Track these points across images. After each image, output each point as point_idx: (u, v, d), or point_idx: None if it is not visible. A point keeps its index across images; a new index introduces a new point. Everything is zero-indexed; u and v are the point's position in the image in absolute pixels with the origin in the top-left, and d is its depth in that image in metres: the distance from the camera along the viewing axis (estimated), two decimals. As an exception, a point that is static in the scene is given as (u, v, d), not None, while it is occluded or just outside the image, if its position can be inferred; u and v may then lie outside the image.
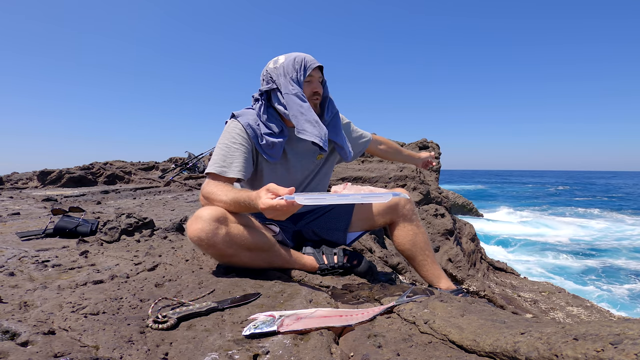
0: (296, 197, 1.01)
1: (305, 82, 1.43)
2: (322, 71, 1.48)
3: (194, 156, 7.68)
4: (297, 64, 1.40)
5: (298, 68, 1.40)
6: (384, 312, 0.98)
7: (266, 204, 1.04)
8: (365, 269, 1.41)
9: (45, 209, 3.29)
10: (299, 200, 1.01)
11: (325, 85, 1.52)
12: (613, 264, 10.68)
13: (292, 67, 1.40)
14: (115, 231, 1.94)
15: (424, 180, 5.27)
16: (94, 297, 1.07)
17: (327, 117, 1.51)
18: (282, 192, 1.05)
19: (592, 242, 13.80)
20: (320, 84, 1.47)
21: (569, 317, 3.79)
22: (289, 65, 1.41)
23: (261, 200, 1.06)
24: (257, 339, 0.82)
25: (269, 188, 1.08)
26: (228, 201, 1.23)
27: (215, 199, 1.27)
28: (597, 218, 20.19)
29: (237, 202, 1.21)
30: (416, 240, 1.56)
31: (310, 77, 1.43)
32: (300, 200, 1.01)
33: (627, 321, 0.64)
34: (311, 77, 1.43)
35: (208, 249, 1.21)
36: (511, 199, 31.76)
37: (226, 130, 1.41)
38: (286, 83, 1.40)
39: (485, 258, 5.59)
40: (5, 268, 1.37)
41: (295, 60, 1.41)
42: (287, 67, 1.41)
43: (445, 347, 0.78)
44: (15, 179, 6.48)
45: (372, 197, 1.07)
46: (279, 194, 1.05)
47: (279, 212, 1.05)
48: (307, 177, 1.57)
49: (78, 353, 0.74)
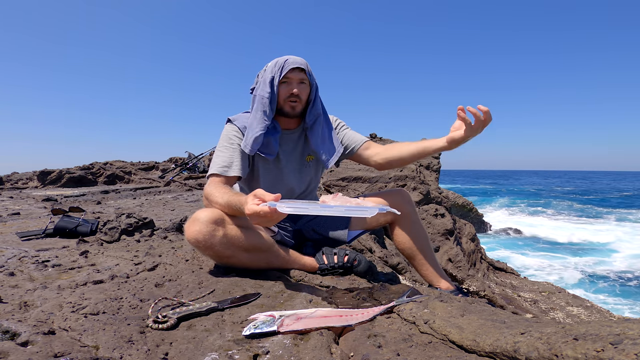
0: (278, 205, 0.98)
1: (282, 82, 1.42)
2: (306, 73, 1.43)
3: (194, 156, 7.69)
4: (276, 66, 1.40)
5: (276, 69, 1.40)
6: (384, 312, 0.98)
7: (250, 210, 1.01)
8: (365, 269, 1.41)
9: (45, 209, 3.29)
10: (280, 208, 0.98)
11: (313, 88, 1.48)
12: (613, 263, 10.69)
13: (271, 69, 1.41)
14: (115, 231, 1.94)
15: (424, 180, 5.27)
16: (94, 297, 1.07)
17: (309, 121, 1.50)
18: (268, 198, 1.01)
19: (592, 242, 13.80)
20: (306, 86, 1.44)
21: (569, 317, 3.79)
22: (270, 67, 1.42)
23: (247, 206, 1.04)
24: (257, 339, 0.82)
25: (255, 194, 1.05)
26: (223, 203, 1.23)
27: (213, 200, 1.28)
28: (604, 218, 20.17)
29: (230, 206, 1.21)
30: (416, 240, 1.57)
31: (287, 78, 1.41)
32: (283, 208, 0.98)
33: (627, 321, 0.64)
34: (287, 78, 1.41)
35: (206, 250, 1.21)
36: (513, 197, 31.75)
37: (223, 134, 1.46)
38: (262, 84, 1.43)
39: (485, 258, 5.59)
40: (5, 268, 1.37)
41: (277, 62, 1.41)
42: (268, 68, 1.43)
43: (445, 347, 0.78)
44: (15, 179, 6.48)
45: (356, 211, 1.03)
46: (264, 200, 1.02)
47: (263, 219, 1.02)
48: (299, 176, 1.57)
49: (78, 353, 0.74)
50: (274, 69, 1.40)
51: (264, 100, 1.41)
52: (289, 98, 1.42)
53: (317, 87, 1.50)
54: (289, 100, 1.43)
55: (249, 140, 1.40)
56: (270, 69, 1.42)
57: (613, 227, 16.73)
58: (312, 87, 1.48)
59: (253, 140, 1.40)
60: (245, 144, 1.41)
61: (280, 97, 1.43)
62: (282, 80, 1.41)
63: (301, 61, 1.42)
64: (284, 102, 1.43)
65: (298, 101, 1.44)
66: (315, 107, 1.50)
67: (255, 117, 1.42)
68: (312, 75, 1.48)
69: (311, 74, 1.47)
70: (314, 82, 1.48)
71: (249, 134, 1.42)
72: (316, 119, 1.51)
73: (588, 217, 20.71)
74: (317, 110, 1.50)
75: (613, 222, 18.79)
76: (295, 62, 1.40)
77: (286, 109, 1.45)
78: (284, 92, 1.42)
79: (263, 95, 1.41)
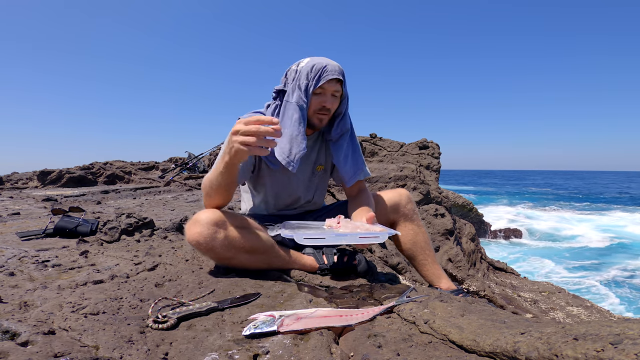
0: (296, 237, 1.08)
1: (316, 93, 1.32)
2: (342, 85, 1.34)
3: (194, 156, 7.68)
4: (312, 72, 1.29)
5: (312, 76, 1.29)
6: (384, 312, 0.98)
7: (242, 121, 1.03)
8: (365, 269, 1.41)
9: (45, 209, 3.29)
10: (299, 240, 1.08)
11: (344, 101, 1.39)
12: (613, 262, 10.69)
13: (306, 74, 1.30)
14: (115, 231, 1.94)
15: (424, 180, 5.27)
16: (94, 297, 1.07)
17: (335, 134, 1.42)
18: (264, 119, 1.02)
19: (592, 241, 13.80)
20: (337, 98, 1.35)
21: (569, 317, 3.79)
22: (304, 71, 1.31)
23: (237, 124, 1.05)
24: (257, 339, 0.82)
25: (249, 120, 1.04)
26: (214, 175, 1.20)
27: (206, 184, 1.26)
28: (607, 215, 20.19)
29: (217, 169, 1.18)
30: (417, 240, 1.56)
31: (322, 89, 1.31)
32: (301, 240, 1.07)
33: (627, 321, 0.64)
34: (323, 89, 1.31)
35: (206, 252, 1.21)
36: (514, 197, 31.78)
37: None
38: (294, 88, 1.32)
39: (485, 258, 5.59)
40: (5, 268, 1.37)
41: (314, 67, 1.29)
42: (302, 72, 1.31)
43: (445, 347, 0.78)
44: (15, 179, 6.48)
45: (368, 237, 1.11)
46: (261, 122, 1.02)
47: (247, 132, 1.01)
48: (308, 185, 1.55)
49: (78, 353, 0.74)
50: (310, 75, 1.29)
51: (303, 112, 1.31)
52: (319, 110, 1.34)
53: (348, 99, 1.40)
54: (319, 112, 1.34)
55: (295, 156, 1.31)
56: (304, 73, 1.30)
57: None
58: (343, 99, 1.38)
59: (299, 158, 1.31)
60: (288, 160, 1.31)
61: (311, 108, 1.34)
62: (317, 90, 1.31)
63: (340, 70, 1.31)
64: (313, 114, 1.35)
65: (327, 114, 1.36)
66: (344, 121, 1.41)
67: (299, 130, 1.31)
68: (346, 85, 1.37)
69: (346, 84, 1.37)
70: (346, 94, 1.38)
71: (293, 149, 1.31)
72: (343, 134, 1.42)
73: (589, 213, 20.70)
74: (345, 125, 1.42)
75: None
76: (334, 70, 1.29)
77: (314, 121, 1.36)
78: (315, 103, 1.32)
79: (302, 106, 1.30)
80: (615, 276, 9.45)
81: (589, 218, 19.57)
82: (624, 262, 10.87)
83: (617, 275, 9.52)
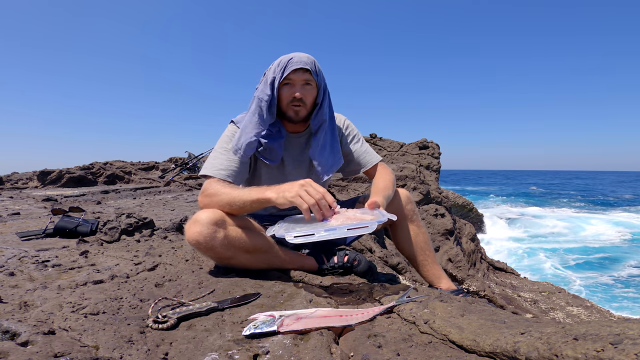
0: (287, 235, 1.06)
1: (284, 84, 1.31)
2: (312, 73, 1.31)
3: (194, 156, 7.69)
4: (279, 65, 1.29)
5: (279, 69, 1.29)
6: (384, 312, 0.98)
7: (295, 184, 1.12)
8: (365, 269, 1.41)
9: (45, 209, 3.29)
10: (289, 239, 1.06)
11: (321, 90, 1.36)
12: (612, 263, 10.69)
13: (274, 68, 1.31)
14: (115, 231, 1.94)
15: (424, 180, 5.27)
16: (94, 297, 1.07)
17: (313, 126, 1.40)
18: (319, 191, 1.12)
19: (592, 241, 13.80)
20: (311, 89, 1.33)
21: (569, 317, 3.79)
22: (273, 65, 1.32)
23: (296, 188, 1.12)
24: (257, 339, 0.82)
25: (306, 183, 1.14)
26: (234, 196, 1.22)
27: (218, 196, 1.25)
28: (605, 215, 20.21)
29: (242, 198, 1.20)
30: (417, 240, 1.56)
31: (289, 80, 1.30)
32: (291, 239, 1.05)
33: (627, 321, 0.64)
34: (290, 79, 1.30)
35: (206, 252, 1.21)
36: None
37: (225, 134, 1.41)
38: (263, 84, 1.34)
39: (485, 258, 5.59)
40: (5, 268, 1.37)
41: (281, 60, 1.30)
42: (272, 67, 1.33)
43: (445, 347, 0.78)
44: (15, 179, 6.48)
45: (357, 228, 1.07)
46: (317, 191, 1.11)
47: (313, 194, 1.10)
48: None
49: (78, 353, 0.74)
50: (277, 68, 1.29)
51: (262, 104, 1.32)
52: (292, 102, 1.32)
53: (325, 89, 1.38)
54: (292, 104, 1.33)
55: (242, 144, 1.33)
56: (273, 68, 1.31)
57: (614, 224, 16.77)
58: (319, 89, 1.36)
59: (246, 145, 1.33)
60: (236, 147, 1.33)
61: (283, 101, 1.33)
62: (284, 81, 1.30)
63: (307, 60, 1.30)
64: (287, 106, 1.34)
65: (302, 105, 1.33)
66: (321, 112, 1.38)
67: (252, 120, 1.34)
68: (320, 75, 1.35)
69: (318, 73, 1.34)
70: (321, 83, 1.36)
71: (241, 137, 1.34)
72: (321, 125, 1.40)
73: (590, 211, 20.71)
74: (323, 115, 1.39)
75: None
76: (299, 61, 1.28)
77: (289, 114, 1.35)
78: (286, 95, 1.32)
79: (262, 97, 1.32)
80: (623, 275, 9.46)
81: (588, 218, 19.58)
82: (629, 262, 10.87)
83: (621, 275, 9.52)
